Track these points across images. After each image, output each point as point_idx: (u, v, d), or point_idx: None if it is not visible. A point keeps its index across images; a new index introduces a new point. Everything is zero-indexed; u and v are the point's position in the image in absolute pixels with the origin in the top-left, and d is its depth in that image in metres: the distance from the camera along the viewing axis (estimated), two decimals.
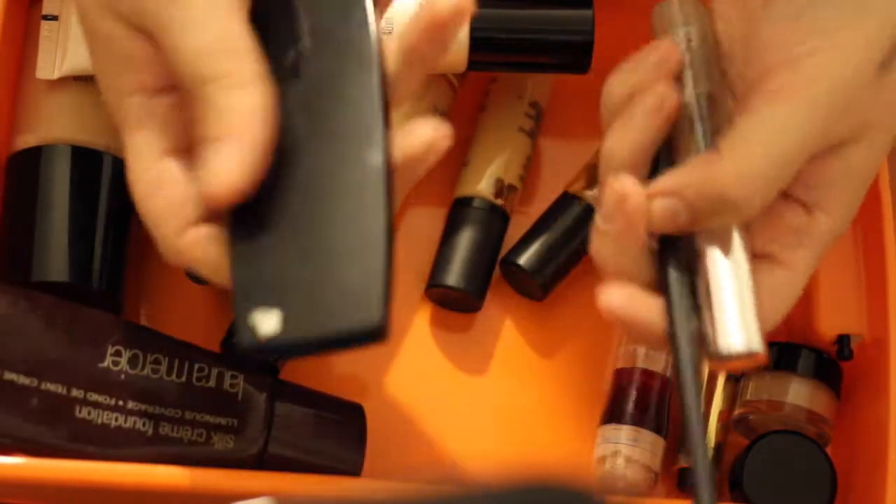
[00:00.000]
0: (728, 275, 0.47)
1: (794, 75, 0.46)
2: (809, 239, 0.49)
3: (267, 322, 0.45)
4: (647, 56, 0.49)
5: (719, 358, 0.47)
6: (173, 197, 0.48)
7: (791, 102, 0.46)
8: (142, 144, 0.49)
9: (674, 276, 0.48)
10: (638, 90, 0.48)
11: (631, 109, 0.48)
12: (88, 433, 0.55)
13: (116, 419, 0.56)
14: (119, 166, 0.62)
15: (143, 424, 0.56)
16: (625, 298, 0.47)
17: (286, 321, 0.45)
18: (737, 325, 0.47)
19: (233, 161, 0.46)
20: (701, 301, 0.47)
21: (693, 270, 0.48)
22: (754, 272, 0.48)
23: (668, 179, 0.47)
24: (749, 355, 0.47)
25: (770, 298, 0.48)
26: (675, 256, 0.48)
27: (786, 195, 0.49)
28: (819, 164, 0.48)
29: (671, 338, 0.47)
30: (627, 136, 0.48)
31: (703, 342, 0.47)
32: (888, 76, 0.48)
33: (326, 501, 0.42)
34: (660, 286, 0.48)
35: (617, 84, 0.50)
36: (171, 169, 0.49)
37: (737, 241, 0.48)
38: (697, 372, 0.46)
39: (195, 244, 0.48)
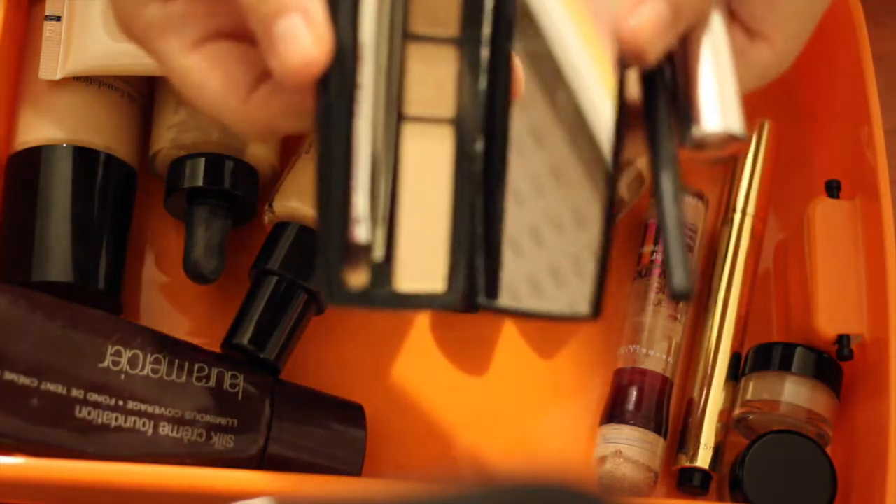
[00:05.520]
0: (708, 54, 0.46)
1: None
2: (747, 66, 0.48)
3: None
4: None
5: (696, 139, 0.44)
6: (230, 71, 0.47)
7: None
8: (173, 42, 0.48)
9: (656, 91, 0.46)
10: None
11: None
12: (88, 433, 0.55)
13: (116, 419, 0.56)
14: (119, 166, 0.62)
15: (143, 424, 0.56)
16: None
17: None
18: (714, 105, 0.44)
19: (304, 32, 0.45)
20: (680, 91, 0.45)
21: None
22: None
23: None
24: (727, 137, 0.44)
25: None
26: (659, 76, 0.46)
27: (732, 15, 0.48)
28: None
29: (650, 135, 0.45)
30: None
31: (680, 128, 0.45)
32: None
33: (326, 501, 0.42)
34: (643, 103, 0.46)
35: None
36: (217, 47, 0.48)
37: (717, 23, 0.46)
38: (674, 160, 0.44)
39: (263, 103, 0.47)
